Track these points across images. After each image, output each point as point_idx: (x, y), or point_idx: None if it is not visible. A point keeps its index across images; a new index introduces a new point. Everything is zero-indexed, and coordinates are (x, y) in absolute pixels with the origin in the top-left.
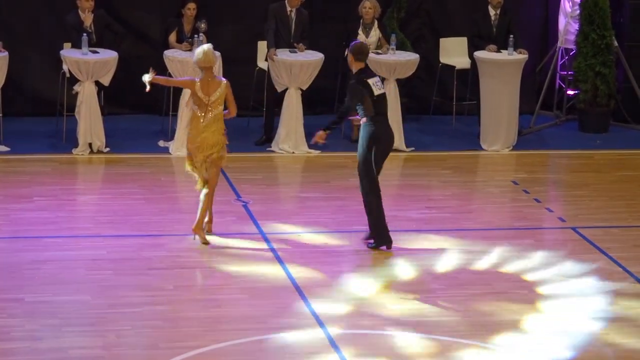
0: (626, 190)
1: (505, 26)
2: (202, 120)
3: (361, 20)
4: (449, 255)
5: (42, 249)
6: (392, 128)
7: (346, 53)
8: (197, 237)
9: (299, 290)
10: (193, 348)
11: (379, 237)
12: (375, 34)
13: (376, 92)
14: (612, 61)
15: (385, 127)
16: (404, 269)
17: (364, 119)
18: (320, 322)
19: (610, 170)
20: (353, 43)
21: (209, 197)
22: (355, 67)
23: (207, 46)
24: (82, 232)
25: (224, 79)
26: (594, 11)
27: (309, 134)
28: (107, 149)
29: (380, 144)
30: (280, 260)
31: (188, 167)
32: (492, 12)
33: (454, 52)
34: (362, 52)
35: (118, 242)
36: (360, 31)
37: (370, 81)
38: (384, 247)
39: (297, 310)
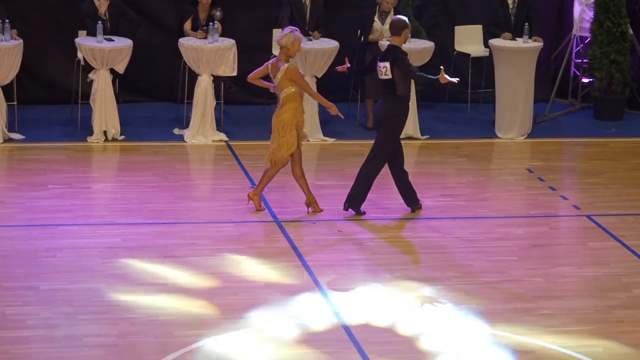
0: None
1: (524, 15)
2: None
3: (377, 7)
4: (464, 243)
5: (57, 237)
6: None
7: (360, 40)
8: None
9: (314, 279)
10: (207, 336)
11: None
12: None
13: (379, 75)
14: (627, 49)
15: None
16: (419, 257)
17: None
18: (335, 310)
19: (625, 158)
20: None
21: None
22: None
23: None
24: (97, 220)
25: (285, 64)
26: None
27: (323, 122)
28: (122, 136)
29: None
30: (295, 249)
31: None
32: (510, 0)
33: (469, 40)
34: (392, 27)
35: (133, 230)
36: (376, 18)
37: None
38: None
39: (312, 298)
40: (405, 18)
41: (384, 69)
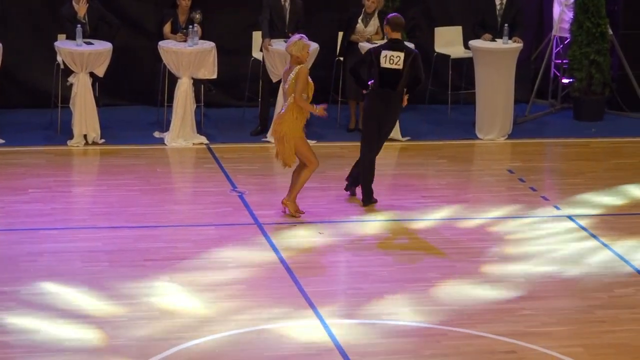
0: (622, 178)
1: (512, 16)
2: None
3: (363, 10)
4: (445, 244)
5: (38, 241)
6: None
7: (341, 41)
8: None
9: (295, 280)
10: (189, 339)
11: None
12: (374, 23)
13: (383, 63)
14: (606, 49)
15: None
16: (400, 258)
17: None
18: (317, 311)
19: (606, 158)
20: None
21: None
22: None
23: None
24: (78, 224)
25: (298, 66)
26: (589, 0)
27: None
28: (102, 140)
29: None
30: (276, 251)
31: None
32: (497, 1)
33: (449, 41)
34: (395, 24)
35: (114, 233)
36: (359, 20)
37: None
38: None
39: (293, 300)
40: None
41: (397, 58)
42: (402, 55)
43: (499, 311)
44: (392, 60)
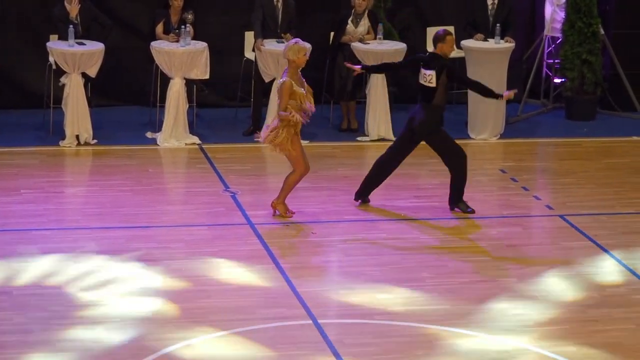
0: (614, 178)
1: (503, 16)
2: None
3: (352, 11)
4: (437, 244)
5: (31, 242)
6: (380, 118)
7: (331, 42)
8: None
9: (288, 281)
10: (182, 340)
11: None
12: (364, 23)
13: (420, 79)
14: (598, 49)
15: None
16: (393, 258)
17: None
18: (309, 311)
19: (598, 157)
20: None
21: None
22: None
23: (293, 41)
24: (70, 224)
25: (281, 79)
26: (580, 0)
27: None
28: (95, 140)
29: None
30: (268, 251)
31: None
32: (489, 1)
33: None
34: (436, 38)
35: (106, 234)
36: (350, 21)
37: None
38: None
39: (286, 300)
40: (447, 28)
41: (429, 77)
42: (434, 73)
43: (491, 311)
44: (425, 79)
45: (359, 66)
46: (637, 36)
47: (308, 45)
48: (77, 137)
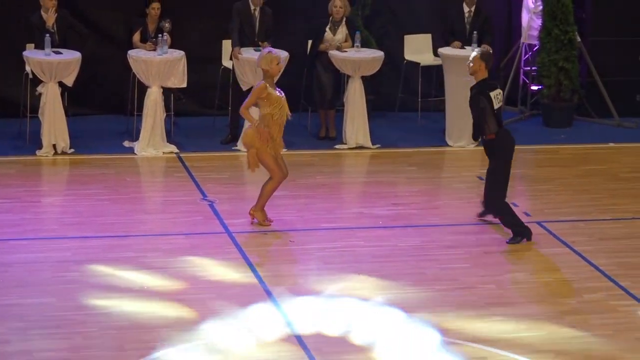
0: (591, 184)
1: (480, 24)
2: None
3: (330, 18)
4: (416, 251)
5: (7, 252)
6: (358, 125)
7: (309, 50)
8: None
9: (266, 289)
10: (160, 348)
11: (521, 231)
12: (342, 31)
13: (496, 105)
14: (575, 56)
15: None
16: (371, 266)
17: (492, 135)
18: (287, 320)
19: (575, 164)
20: (482, 49)
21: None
22: (482, 75)
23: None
24: (48, 234)
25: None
26: (557, 7)
27: None
28: (72, 150)
29: (509, 154)
30: (246, 259)
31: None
32: (466, 9)
33: (418, 49)
34: (491, 59)
35: (84, 243)
36: (327, 29)
37: (492, 93)
38: (524, 240)
39: (264, 308)
40: (478, 51)
41: (500, 95)
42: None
43: (469, 317)
44: (498, 98)
45: None
46: (614, 43)
47: (283, 55)
48: (54, 146)
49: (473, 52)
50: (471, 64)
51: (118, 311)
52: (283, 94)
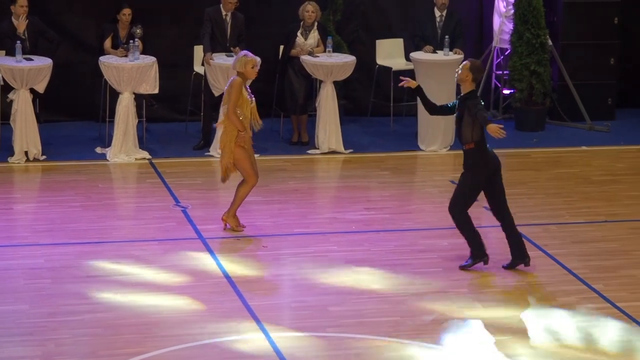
0: (563, 188)
1: (451, 28)
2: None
3: (301, 23)
4: (389, 255)
5: None
6: (330, 130)
7: (281, 55)
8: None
9: (240, 294)
10: (133, 355)
11: (477, 254)
12: (314, 35)
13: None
14: (547, 60)
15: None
16: (344, 271)
17: (471, 145)
18: (261, 325)
19: (547, 168)
20: (474, 60)
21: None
22: (470, 87)
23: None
24: (20, 241)
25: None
26: (528, 11)
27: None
28: (44, 156)
29: (486, 170)
30: (220, 265)
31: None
32: (437, 13)
33: (390, 53)
34: (482, 73)
35: (56, 250)
36: (299, 33)
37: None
38: (480, 264)
39: (238, 314)
40: (470, 61)
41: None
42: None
43: (443, 321)
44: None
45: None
46: (585, 47)
47: (258, 59)
48: (26, 153)
49: (465, 61)
50: (459, 72)
51: (91, 317)
52: (254, 98)
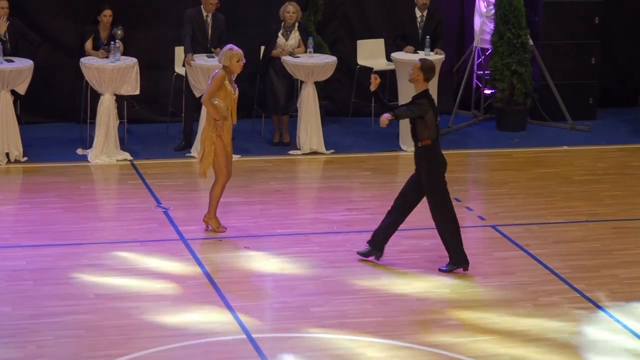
0: (544, 188)
1: (432, 28)
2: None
3: (282, 24)
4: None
5: None
6: (312, 131)
7: (262, 56)
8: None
9: (221, 295)
10: (116, 356)
11: (458, 260)
12: (295, 36)
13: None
14: (527, 60)
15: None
16: (326, 271)
17: (427, 141)
18: (243, 326)
19: (529, 167)
20: (425, 60)
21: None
22: (422, 86)
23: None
24: (1, 242)
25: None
26: (509, 11)
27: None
28: (25, 158)
29: (443, 168)
30: (202, 266)
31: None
32: (418, 13)
33: (371, 53)
34: (433, 72)
35: (37, 252)
36: (280, 34)
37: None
38: (460, 269)
39: (219, 315)
40: (421, 61)
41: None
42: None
43: (425, 322)
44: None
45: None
46: (566, 46)
47: (242, 52)
48: (7, 154)
49: (417, 60)
50: (411, 71)
51: (73, 319)
52: (237, 91)
